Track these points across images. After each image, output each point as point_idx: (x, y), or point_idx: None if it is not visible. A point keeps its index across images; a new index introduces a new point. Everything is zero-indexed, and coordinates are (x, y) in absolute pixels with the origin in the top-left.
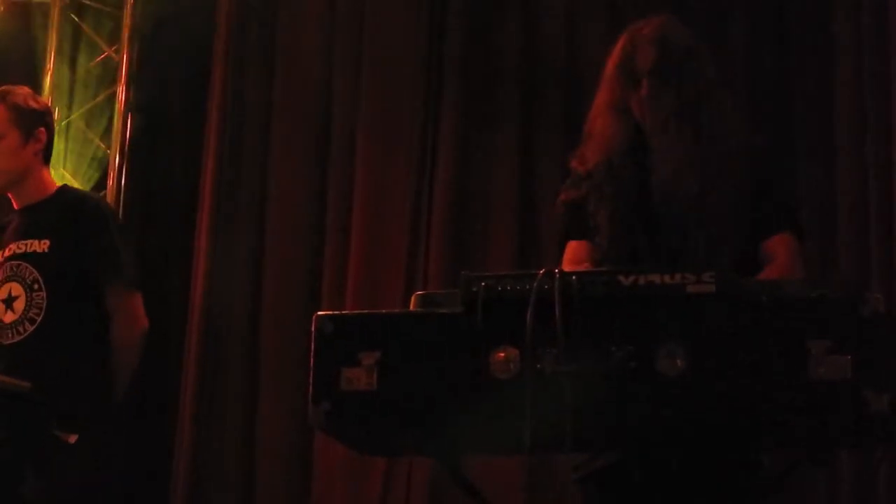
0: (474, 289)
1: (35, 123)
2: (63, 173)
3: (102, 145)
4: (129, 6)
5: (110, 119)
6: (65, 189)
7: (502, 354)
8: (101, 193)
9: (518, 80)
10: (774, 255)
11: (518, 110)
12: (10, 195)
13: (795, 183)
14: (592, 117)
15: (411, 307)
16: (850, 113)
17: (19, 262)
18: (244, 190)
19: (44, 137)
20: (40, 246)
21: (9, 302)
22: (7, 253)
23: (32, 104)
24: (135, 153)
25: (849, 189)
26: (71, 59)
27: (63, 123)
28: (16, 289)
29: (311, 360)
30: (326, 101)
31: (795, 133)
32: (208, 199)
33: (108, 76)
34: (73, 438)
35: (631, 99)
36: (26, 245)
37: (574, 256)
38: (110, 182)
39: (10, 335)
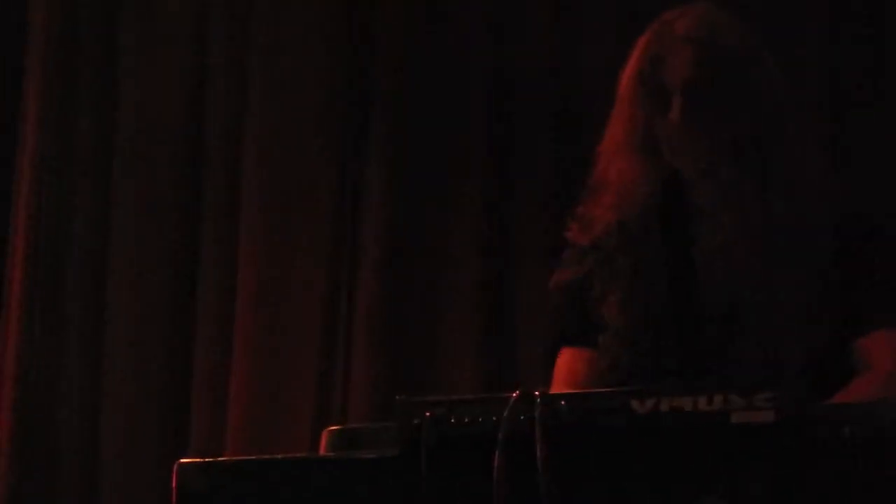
0: (416, 421)
1: None
2: None
3: None
4: None
5: None
6: None
7: None
8: None
9: (483, 98)
10: (873, 360)
11: (482, 147)
12: None
13: None
14: (602, 159)
15: (322, 449)
16: None
17: None
18: (74, 248)
19: None
20: None
21: None
22: None
23: None
24: None
25: None
26: None
27: None
28: None
29: None
30: (196, 125)
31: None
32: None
33: None
34: None
35: (659, 129)
36: None
37: (569, 371)
38: None
39: None
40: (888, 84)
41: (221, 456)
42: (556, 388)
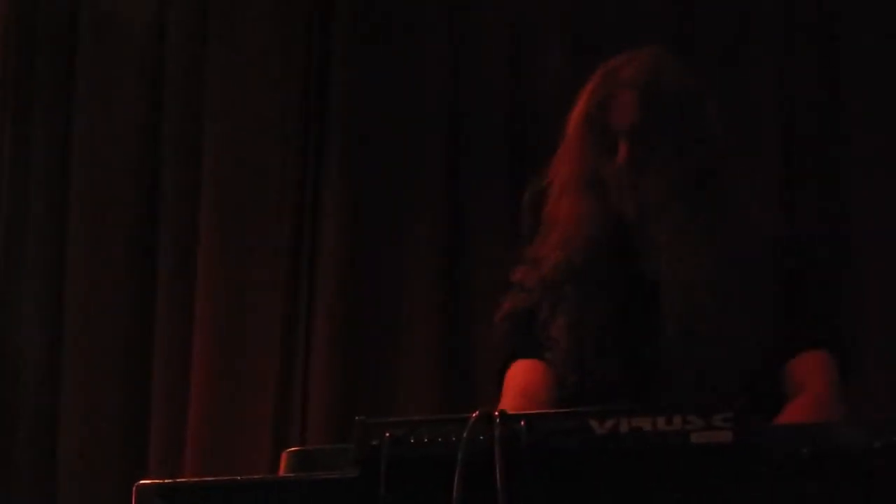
0: (375, 442)
1: None
2: None
3: None
4: None
5: None
6: None
7: None
8: None
9: (438, 133)
10: (802, 381)
11: (438, 177)
12: None
13: (840, 282)
14: (551, 198)
15: (281, 471)
16: None
17: None
18: (28, 275)
19: None
20: None
21: None
22: None
23: None
24: None
25: None
26: None
27: None
28: None
29: None
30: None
31: (846, 214)
32: None
33: None
34: None
35: (606, 170)
36: None
37: (524, 382)
38: None
39: None
40: (838, 119)
41: (180, 478)
42: (508, 397)
